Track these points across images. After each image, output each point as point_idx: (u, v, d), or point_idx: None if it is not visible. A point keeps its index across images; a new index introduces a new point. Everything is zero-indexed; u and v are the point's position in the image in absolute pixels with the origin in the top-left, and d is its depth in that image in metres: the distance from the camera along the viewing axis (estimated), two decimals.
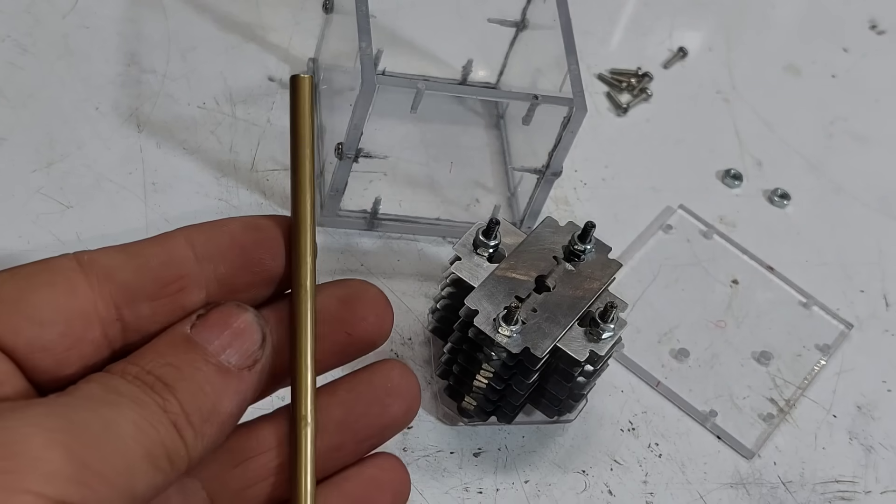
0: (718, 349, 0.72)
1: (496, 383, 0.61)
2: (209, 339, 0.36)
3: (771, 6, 0.94)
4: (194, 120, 0.74)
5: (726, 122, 0.85)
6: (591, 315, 0.61)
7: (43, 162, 0.69)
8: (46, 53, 0.74)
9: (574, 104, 0.66)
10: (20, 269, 0.37)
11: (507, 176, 0.77)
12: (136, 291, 0.37)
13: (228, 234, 0.39)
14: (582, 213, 0.76)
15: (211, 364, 0.36)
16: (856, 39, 0.93)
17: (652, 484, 0.66)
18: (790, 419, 0.70)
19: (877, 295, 0.78)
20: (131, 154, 0.71)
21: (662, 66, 0.87)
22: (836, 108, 0.88)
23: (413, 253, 0.72)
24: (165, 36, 0.77)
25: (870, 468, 0.69)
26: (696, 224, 0.78)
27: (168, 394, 0.35)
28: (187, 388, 0.35)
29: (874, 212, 0.83)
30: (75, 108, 0.72)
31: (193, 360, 0.36)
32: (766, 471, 0.68)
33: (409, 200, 0.74)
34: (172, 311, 0.38)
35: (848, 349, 0.75)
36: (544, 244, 0.63)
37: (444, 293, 0.64)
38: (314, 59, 0.78)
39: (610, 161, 0.80)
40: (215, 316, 0.37)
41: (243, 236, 0.39)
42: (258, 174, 0.72)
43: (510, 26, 0.76)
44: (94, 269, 0.37)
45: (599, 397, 0.68)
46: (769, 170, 0.83)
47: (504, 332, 0.59)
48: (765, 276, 0.76)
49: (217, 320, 0.37)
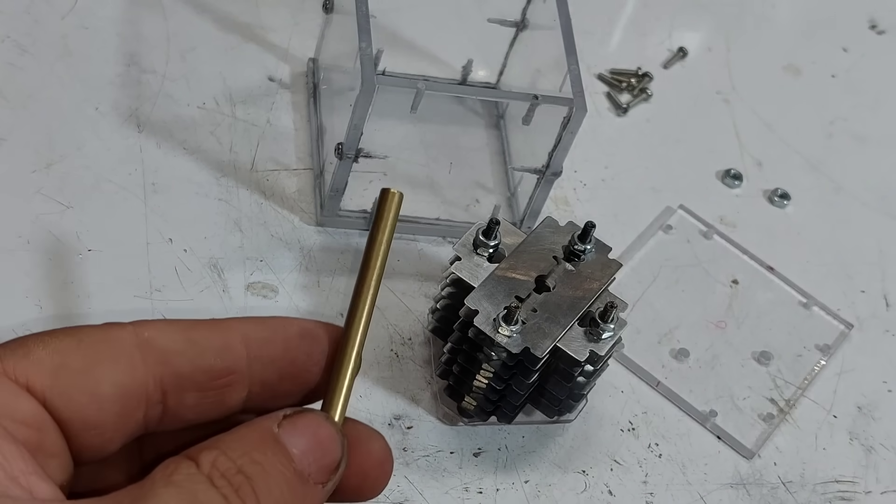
0: (718, 349, 0.72)
1: (496, 383, 0.61)
2: (295, 443, 0.36)
3: (771, 6, 0.94)
4: (194, 120, 0.74)
5: (726, 122, 0.85)
6: (591, 315, 0.61)
7: (43, 162, 0.69)
8: (46, 54, 0.74)
9: (574, 104, 0.66)
10: (84, 334, 0.37)
11: (507, 176, 0.77)
12: (187, 381, 0.37)
13: (283, 341, 0.39)
14: (582, 213, 0.76)
15: (294, 471, 0.36)
16: (856, 39, 0.93)
17: (652, 484, 0.66)
18: (790, 419, 0.70)
19: (877, 295, 0.78)
20: (131, 154, 0.71)
21: (662, 66, 0.87)
22: (836, 108, 0.88)
23: (413, 253, 0.72)
24: (165, 36, 0.77)
25: (870, 468, 0.69)
26: (696, 224, 0.78)
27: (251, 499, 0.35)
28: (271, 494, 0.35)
29: (874, 212, 0.83)
30: (75, 108, 0.72)
31: (279, 463, 0.36)
32: (766, 471, 0.68)
33: (409, 200, 0.73)
34: (214, 404, 0.38)
35: (848, 349, 0.74)
36: (544, 244, 0.63)
37: (444, 293, 0.64)
38: (314, 59, 0.78)
39: (610, 161, 0.80)
40: (304, 422, 0.37)
41: (297, 346, 0.39)
42: (258, 174, 0.72)
43: (510, 26, 0.76)
44: (152, 351, 0.37)
45: (599, 397, 0.68)
46: (769, 170, 0.83)
47: (504, 332, 0.59)
48: (765, 276, 0.76)
49: (306, 427, 0.37)
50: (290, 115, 0.76)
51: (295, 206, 0.72)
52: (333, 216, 0.71)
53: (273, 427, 0.36)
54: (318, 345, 0.40)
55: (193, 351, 0.37)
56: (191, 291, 0.66)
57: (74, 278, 0.65)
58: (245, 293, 0.67)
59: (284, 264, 0.69)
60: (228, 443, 0.36)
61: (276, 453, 0.36)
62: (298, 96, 0.77)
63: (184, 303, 0.65)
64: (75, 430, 0.35)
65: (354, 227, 0.71)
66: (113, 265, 0.66)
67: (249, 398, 0.39)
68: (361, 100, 0.64)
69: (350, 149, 0.67)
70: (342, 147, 0.67)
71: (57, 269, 0.65)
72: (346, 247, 0.71)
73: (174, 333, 0.38)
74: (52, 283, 0.64)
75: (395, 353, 0.67)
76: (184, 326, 0.38)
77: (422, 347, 0.68)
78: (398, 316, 0.68)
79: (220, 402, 0.38)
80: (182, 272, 0.67)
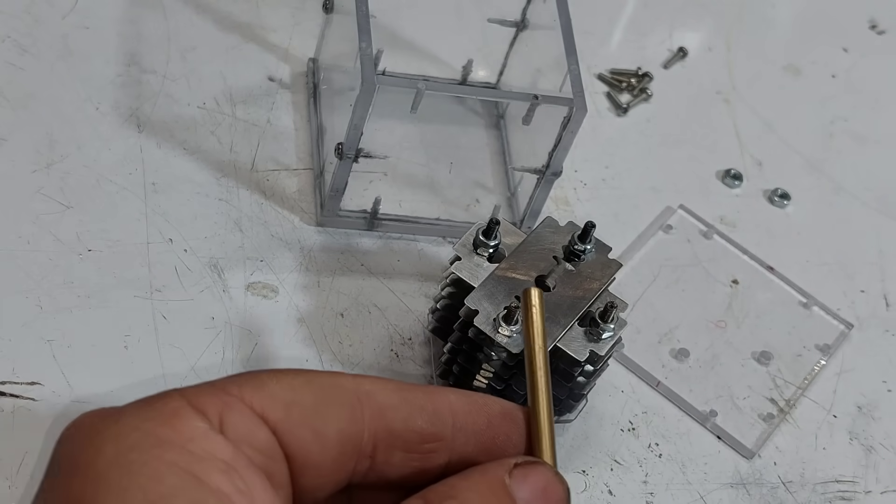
0: (718, 349, 0.72)
1: (496, 383, 0.61)
2: (524, 497, 0.37)
3: (771, 6, 0.94)
4: (194, 120, 0.74)
5: (726, 122, 0.85)
6: (591, 315, 0.61)
7: (43, 162, 0.69)
8: (46, 54, 0.74)
9: (574, 104, 0.66)
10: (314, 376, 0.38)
11: (507, 176, 0.77)
12: (398, 439, 0.38)
13: (486, 416, 0.40)
14: (582, 213, 0.76)
15: None
16: (856, 39, 0.93)
17: (652, 484, 0.66)
18: (790, 419, 0.70)
19: (877, 295, 0.78)
20: (131, 154, 0.71)
21: (662, 66, 0.87)
22: (836, 108, 0.88)
23: (413, 253, 0.72)
24: (165, 36, 0.77)
25: (870, 468, 0.69)
26: (696, 224, 0.78)
27: None
28: None
29: (874, 212, 0.83)
30: (75, 108, 0.72)
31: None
32: (766, 471, 0.68)
33: (409, 200, 0.74)
34: (417, 467, 0.39)
35: (848, 349, 0.75)
36: (544, 244, 0.63)
37: (444, 293, 0.64)
38: (314, 59, 0.78)
39: (610, 161, 0.80)
40: (536, 476, 0.38)
41: (499, 424, 0.41)
42: (258, 174, 0.72)
43: (510, 26, 0.76)
44: (371, 404, 0.38)
45: (599, 397, 0.68)
46: (769, 170, 0.83)
47: (504, 332, 0.59)
48: (765, 276, 0.76)
49: (537, 481, 0.38)
50: (291, 115, 0.76)
51: (295, 206, 0.72)
52: (334, 216, 0.71)
53: (504, 476, 0.37)
54: (517, 427, 0.41)
55: (407, 410, 0.39)
56: (191, 291, 0.66)
57: (74, 278, 0.65)
58: (245, 293, 0.67)
59: (285, 264, 0.69)
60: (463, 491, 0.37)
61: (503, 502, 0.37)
62: (298, 96, 0.77)
63: (184, 303, 0.65)
64: (298, 465, 0.37)
65: (355, 227, 0.71)
66: (113, 265, 0.66)
67: (448, 468, 0.40)
68: (361, 100, 0.64)
69: (350, 149, 0.67)
70: (342, 147, 0.67)
71: (57, 269, 0.65)
72: (347, 247, 0.71)
73: (391, 392, 0.39)
74: (52, 283, 0.64)
75: (395, 353, 0.67)
76: (399, 386, 0.39)
77: (422, 347, 0.68)
78: (398, 316, 0.68)
79: (423, 467, 0.39)
80: (182, 272, 0.67)
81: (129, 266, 0.66)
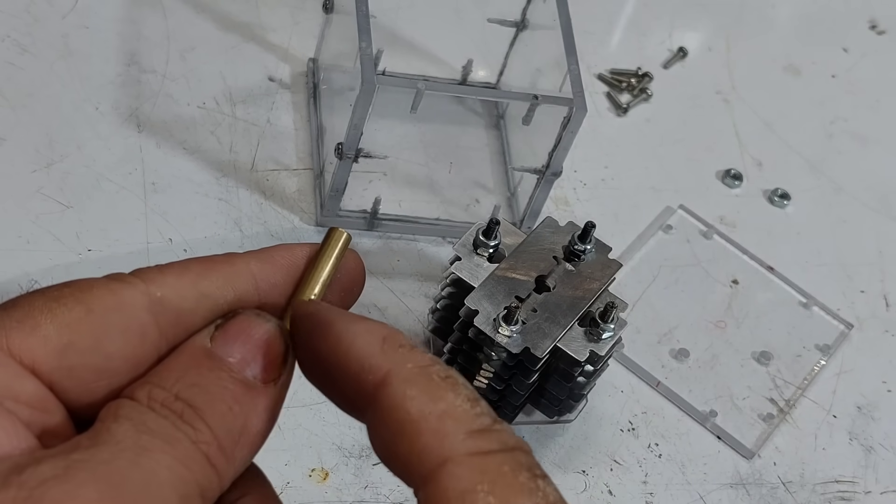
0: (718, 349, 0.72)
1: (496, 383, 0.61)
2: (230, 352, 0.34)
3: (771, 6, 0.94)
4: (194, 120, 0.74)
5: (726, 122, 0.85)
6: (591, 315, 0.61)
7: (43, 162, 0.69)
8: (46, 53, 0.74)
9: (574, 104, 0.66)
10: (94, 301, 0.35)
11: (507, 176, 0.77)
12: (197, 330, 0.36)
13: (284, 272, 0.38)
14: (582, 213, 0.76)
15: (236, 380, 0.34)
16: (856, 39, 0.93)
17: (652, 484, 0.66)
18: (790, 419, 0.70)
19: (877, 295, 0.78)
20: (131, 154, 0.71)
21: (662, 66, 0.87)
22: (836, 108, 0.88)
23: (413, 253, 0.72)
24: (165, 36, 0.77)
25: (870, 468, 0.69)
26: (696, 224, 0.78)
27: (198, 421, 0.33)
28: (216, 411, 0.33)
29: (874, 212, 0.83)
30: (75, 108, 0.72)
31: (218, 378, 0.34)
32: (766, 471, 0.68)
33: (409, 200, 0.74)
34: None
35: (848, 349, 0.75)
36: (544, 244, 0.63)
37: (444, 293, 0.64)
38: (314, 59, 0.78)
39: (610, 161, 0.80)
40: (235, 327, 0.35)
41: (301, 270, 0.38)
42: (258, 174, 0.72)
43: (510, 26, 0.76)
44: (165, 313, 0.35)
45: (599, 397, 0.68)
46: (769, 170, 0.83)
47: (504, 332, 0.59)
48: (765, 276, 0.76)
49: (238, 331, 0.35)
50: (291, 114, 0.76)
51: (295, 205, 0.72)
52: (333, 216, 0.71)
53: (205, 342, 0.35)
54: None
55: (206, 307, 0.36)
56: None
57: (74, 278, 0.65)
58: None
59: None
60: (160, 373, 0.34)
61: (211, 369, 0.34)
62: (298, 96, 0.77)
63: None
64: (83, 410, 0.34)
65: (354, 227, 0.71)
66: (113, 265, 0.66)
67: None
68: (361, 100, 0.64)
69: (350, 149, 0.67)
70: (342, 147, 0.67)
71: (57, 268, 0.65)
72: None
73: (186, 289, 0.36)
74: (52, 283, 0.64)
75: None
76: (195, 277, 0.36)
77: (422, 347, 0.68)
78: (398, 316, 0.68)
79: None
80: None
81: (129, 266, 0.65)
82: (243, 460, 0.34)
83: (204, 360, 0.34)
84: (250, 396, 0.34)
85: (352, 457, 0.62)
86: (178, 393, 0.33)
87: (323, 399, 0.36)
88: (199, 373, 0.34)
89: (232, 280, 0.36)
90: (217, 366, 0.34)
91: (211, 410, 0.33)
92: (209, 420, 0.33)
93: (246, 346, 0.35)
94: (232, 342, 0.35)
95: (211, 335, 0.35)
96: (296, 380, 0.36)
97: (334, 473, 0.62)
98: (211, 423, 0.33)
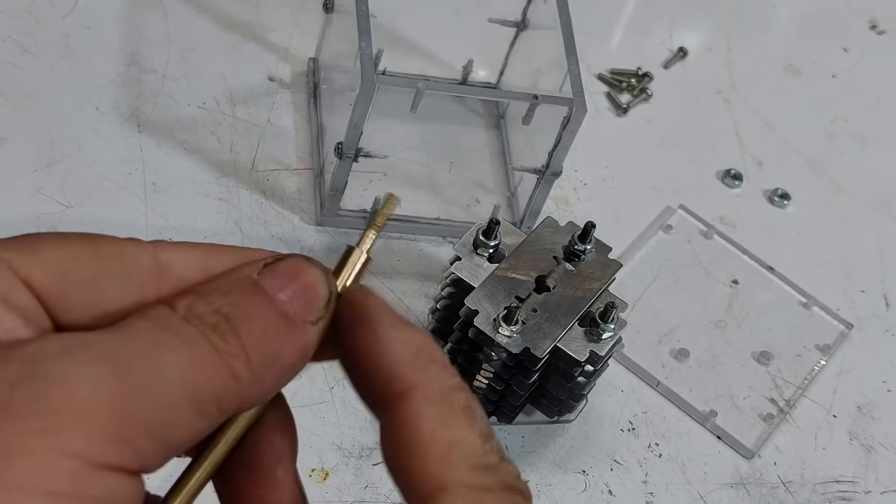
0: (718, 349, 0.72)
1: (496, 383, 0.61)
2: (277, 287, 0.35)
3: (771, 6, 0.94)
4: (194, 120, 0.74)
5: (726, 122, 0.85)
6: (591, 315, 0.61)
7: (43, 162, 0.69)
8: (47, 54, 0.74)
9: (574, 104, 0.66)
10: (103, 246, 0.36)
11: (507, 176, 0.77)
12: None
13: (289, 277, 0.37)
14: (582, 213, 0.76)
15: (277, 311, 0.34)
16: (856, 39, 0.93)
17: (652, 484, 0.66)
18: (790, 419, 0.70)
19: (877, 295, 0.78)
20: (131, 154, 0.71)
21: (662, 66, 0.87)
22: (836, 108, 0.88)
23: (413, 253, 0.72)
24: (165, 36, 0.77)
25: (870, 468, 0.69)
26: (696, 224, 0.78)
27: (231, 335, 0.33)
28: (252, 330, 0.34)
29: (874, 212, 0.83)
30: (76, 108, 0.72)
31: (260, 304, 0.34)
32: (766, 471, 0.68)
33: (409, 200, 0.74)
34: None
35: (848, 349, 0.75)
36: (544, 244, 0.63)
37: (444, 293, 0.64)
38: (314, 59, 0.78)
39: (610, 161, 0.80)
40: (284, 267, 0.36)
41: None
42: (258, 174, 0.72)
43: (510, 26, 0.76)
44: (168, 278, 0.35)
45: (599, 397, 0.68)
46: (769, 170, 0.83)
47: (504, 332, 0.59)
48: (765, 276, 0.76)
49: (286, 271, 0.35)
50: (291, 114, 0.76)
51: (295, 205, 0.72)
52: (333, 216, 0.71)
53: (253, 274, 0.35)
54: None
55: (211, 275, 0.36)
56: None
57: None
58: None
59: None
60: (205, 287, 0.35)
61: (255, 294, 0.34)
62: (299, 96, 0.77)
63: None
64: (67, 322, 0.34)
65: (354, 227, 0.71)
66: None
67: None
68: (361, 99, 0.64)
69: (350, 148, 0.67)
70: (342, 147, 0.67)
71: None
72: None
73: (193, 261, 0.36)
74: None
75: None
76: (203, 253, 0.36)
77: None
78: None
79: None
80: None
81: None
82: (271, 385, 0.35)
83: (249, 287, 0.35)
84: (289, 329, 0.35)
85: (352, 457, 0.62)
86: (220, 308, 0.34)
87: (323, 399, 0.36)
88: (242, 296, 0.34)
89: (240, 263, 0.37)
90: (260, 293, 0.35)
91: (247, 329, 0.34)
92: (243, 336, 0.33)
93: (292, 285, 0.35)
94: (279, 279, 0.35)
95: (259, 271, 0.35)
96: (296, 380, 0.36)
97: (334, 473, 0.62)
98: (244, 340, 0.33)
